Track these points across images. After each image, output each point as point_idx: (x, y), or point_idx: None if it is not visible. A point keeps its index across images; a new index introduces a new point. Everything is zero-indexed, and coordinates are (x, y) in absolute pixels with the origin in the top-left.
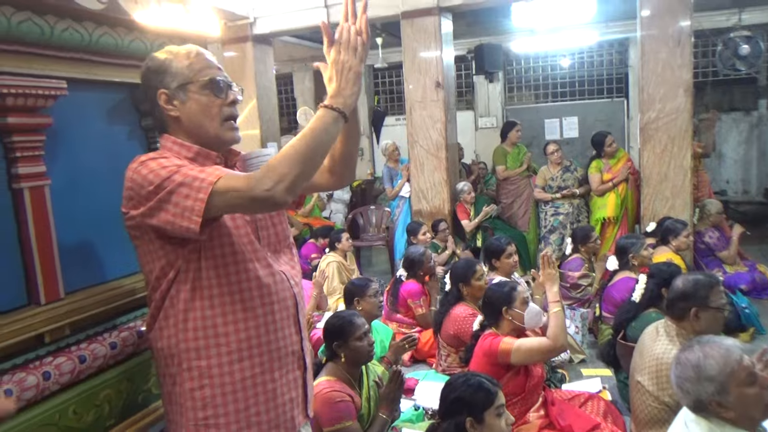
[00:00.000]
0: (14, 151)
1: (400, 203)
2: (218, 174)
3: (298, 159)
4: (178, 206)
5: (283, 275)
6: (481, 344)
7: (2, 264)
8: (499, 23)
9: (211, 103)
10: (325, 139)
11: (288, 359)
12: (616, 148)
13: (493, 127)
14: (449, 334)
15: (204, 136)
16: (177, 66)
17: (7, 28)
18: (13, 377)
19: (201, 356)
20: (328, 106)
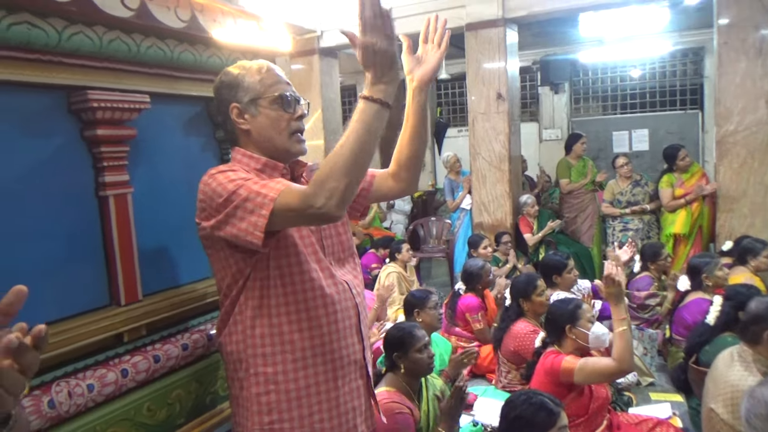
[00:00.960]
0: (102, 161)
1: (461, 215)
2: (279, 189)
3: (344, 169)
4: (243, 221)
5: (345, 285)
6: (543, 362)
7: (88, 266)
8: (566, 33)
9: (280, 117)
10: (368, 139)
11: (350, 368)
12: (689, 162)
13: (558, 139)
14: (510, 350)
15: (272, 148)
16: (249, 81)
17: (99, 47)
18: (95, 373)
19: (267, 362)
20: (368, 97)
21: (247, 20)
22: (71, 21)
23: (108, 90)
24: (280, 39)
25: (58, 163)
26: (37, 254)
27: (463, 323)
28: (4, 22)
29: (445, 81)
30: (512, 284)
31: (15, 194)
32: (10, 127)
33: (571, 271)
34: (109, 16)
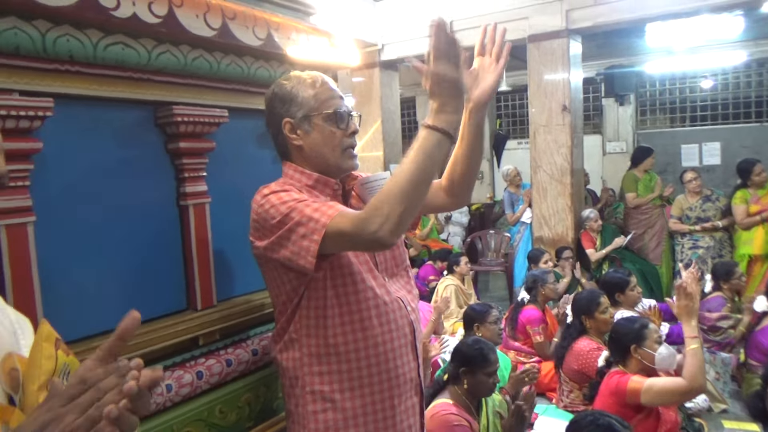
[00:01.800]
0: (183, 172)
1: (521, 229)
2: (331, 214)
3: (400, 196)
4: (295, 245)
5: (400, 302)
6: (608, 382)
7: (169, 272)
8: (632, 44)
9: (333, 134)
10: (428, 167)
11: (406, 386)
12: (765, 177)
13: (623, 152)
14: (572, 369)
15: (324, 164)
16: (303, 96)
17: (184, 64)
18: (173, 374)
19: (324, 381)
20: (431, 126)
21: (319, 37)
22: (160, 41)
23: (190, 105)
24: (349, 54)
25: (145, 173)
26: (124, 259)
27: (524, 337)
28: (101, 43)
29: (505, 92)
30: (574, 301)
31: (107, 202)
32: (105, 139)
33: (634, 288)
34: (193, 36)
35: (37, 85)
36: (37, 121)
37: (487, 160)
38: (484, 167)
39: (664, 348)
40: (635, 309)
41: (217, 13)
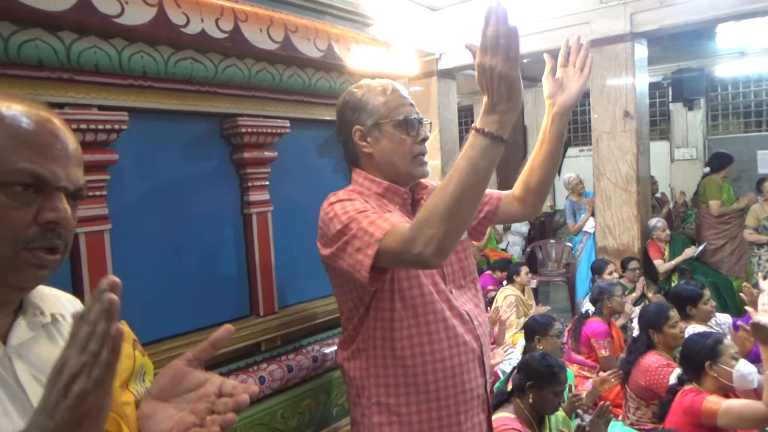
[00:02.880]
0: (247, 181)
1: (584, 239)
2: (386, 228)
3: (443, 214)
4: (351, 257)
5: (467, 315)
6: (681, 401)
7: (234, 279)
8: (702, 46)
9: (403, 141)
10: (474, 180)
11: (473, 402)
12: None
13: (692, 158)
14: (639, 385)
15: (394, 172)
16: (373, 103)
17: (248, 77)
18: (237, 378)
19: (390, 393)
20: (478, 129)
21: (378, 47)
22: (226, 55)
23: (254, 116)
24: (407, 63)
25: (212, 183)
26: (191, 266)
27: (587, 350)
28: (172, 58)
29: None
30: (641, 314)
31: (176, 211)
32: (174, 150)
33: (707, 302)
34: (257, 49)
35: (113, 100)
36: (114, 134)
37: None
38: None
39: (743, 364)
40: (708, 324)
41: (280, 27)
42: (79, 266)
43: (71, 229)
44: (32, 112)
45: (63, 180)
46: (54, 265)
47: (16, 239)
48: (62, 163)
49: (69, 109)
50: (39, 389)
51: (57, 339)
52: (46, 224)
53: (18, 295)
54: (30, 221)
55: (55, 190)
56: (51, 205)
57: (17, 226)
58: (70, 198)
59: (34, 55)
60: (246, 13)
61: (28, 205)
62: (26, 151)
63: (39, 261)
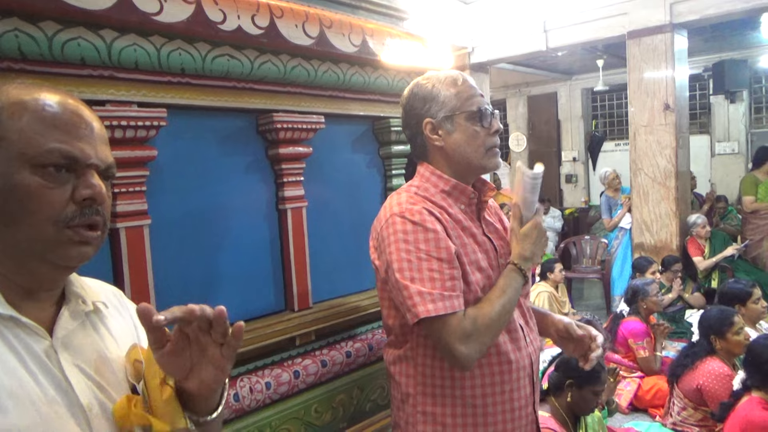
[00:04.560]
0: (282, 177)
1: (619, 235)
2: (439, 308)
3: (496, 326)
4: (399, 301)
5: (521, 332)
6: (748, 409)
7: (269, 274)
8: (745, 36)
9: (477, 133)
10: (513, 302)
11: (521, 421)
12: None
13: (734, 153)
14: (692, 387)
15: (466, 165)
16: (445, 95)
17: (284, 73)
18: (272, 372)
19: (437, 403)
20: (520, 269)
21: (412, 41)
22: (261, 51)
23: (289, 112)
24: (442, 57)
25: (249, 179)
26: (230, 261)
27: (624, 350)
28: (209, 55)
29: (602, 92)
30: (702, 318)
31: (213, 206)
32: (212, 146)
33: (757, 301)
34: (293, 45)
35: (153, 96)
36: (153, 130)
37: (582, 162)
38: (579, 170)
39: None
40: (756, 326)
41: (314, 22)
42: (120, 261)
43: (108, 205)
44: (53, 96)
45: (93, 158)
46: (96, 241)
47: (57, 219)
48: (90, 142)
49: (110, 106)
50: (82, 379)
51: (99, 327)
52: (82, 201)
53: (64, 274)
54: (67, 200)
55: (87, 167)
56: (85, 182)
57: (56, 205)
58: (102, 177)
59: (76, 53)
60: (282, 9)
61: (63, 184)
62: (54, 132)
63: (81, 237)
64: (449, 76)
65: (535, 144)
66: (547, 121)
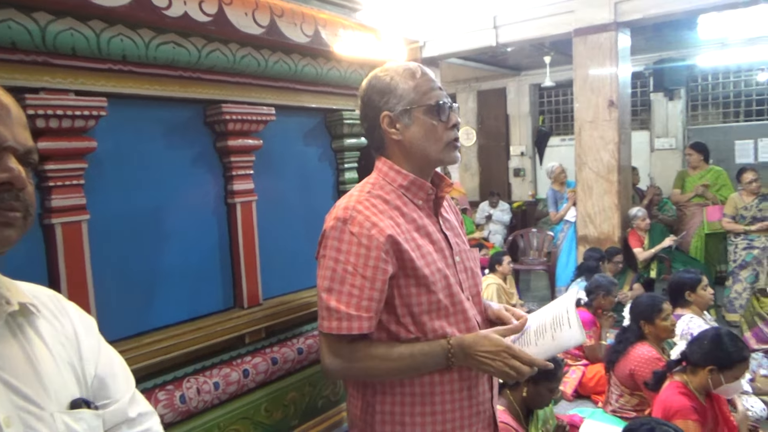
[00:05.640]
0: (231, 170)
1: (565, 228)
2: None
3: (371, 375)
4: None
5: (479, 329)
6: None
7: (217, 270)
8: (683, 36)
9: (435, 127)
10: (415, 370)
11: (479, 417)
12: None
13: (672, 148)
14: (625, 373)
15: (425, 159)
16: (403, 88)
17: (233, 62)
18: (220, 371)
19: (395, 402)
20: (450, 348)
21: (366, 33)
22: (209, 39)
23: (239, 103)
24: (396, 50)
25: (195, 172)
26: (174, 258)
27: None
28: (153, 42)
29: (548, 88)
30: (633, 304)
31: (158, 201)
32: (156, 138)
33: (706, 287)
34: (242, 34)
35: (92, 85)
36: (92, 120)
37: (529, 157)
38: (527, 164)
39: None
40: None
41: (265, 11)
42: (55, 258)
43: (29, 192)
44: None
45: (10, 140)
46: (19, 222)
47: None
48: (6, 124)
49: (45, 94)
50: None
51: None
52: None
53: None
54: None
55: (3, 151)
56: (2, 166)
57: None
58: (21, 162)
59: (6, 36)
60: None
61: None
62: None
63: (3, 219)
64: (408, 68)
65: (484, 138)
66: (496, 116)
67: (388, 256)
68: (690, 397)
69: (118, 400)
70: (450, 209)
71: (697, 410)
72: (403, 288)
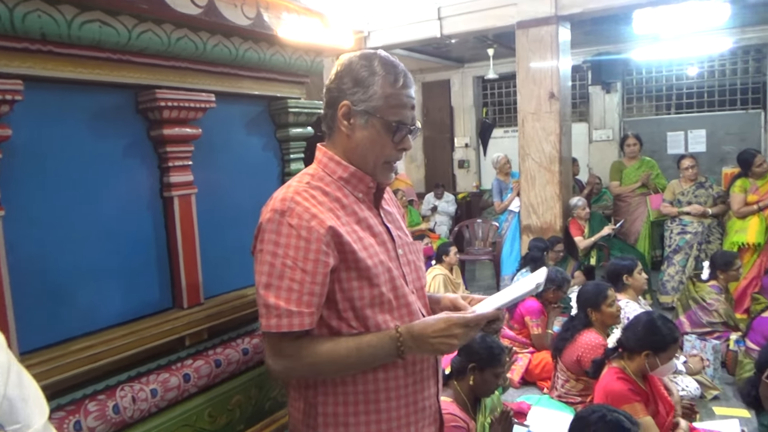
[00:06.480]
0: (167, 161)
1: (509, 218)
2: (284, 325)
3: (319, 372)
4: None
5: None
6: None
7: (153, 268)
8: (619, 31)
9: (385, 143)
10: (363, 364)
11: (424, 413)
12: (766, 168)
13: (609, 140)
14: (572, 360)
15: (361, 165)
16: (376, 90)
17: (167, 45)
18: (158, 377)
19: (338, 402)
20: (399, 336)
21: (311, 17)
22: (141, 19)
23: (175, 89)
24: (343, 36)
25: (126, 163)
26: (104, 256)
27: (519, 327)
28: (77, 20)
29: (492, 80)
30: (580, 293)
31: (84, 195)
32: (81, 126)
33: (641, 272)
34: (177, 14)
35: (4, 66)
36: (5, 105)
37: (474, 148)
38: (471, 156)
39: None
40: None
41: None
42: None
43: None
44: None
45: None
46: None
47: None
48: None
49: None
50: None
51: None
52: None
53: None
54: None
55: None
56: None
57: None
58: None
59: None
60: None
61: None
62: None
63: None
64: (395, 73)
65: (429, 130)
66: (440, 107)
67: (329, 249)
68: (629, 381)
69: (30, 426)
70: (391, 201)
71: (637, 393)
72: (344, 282)
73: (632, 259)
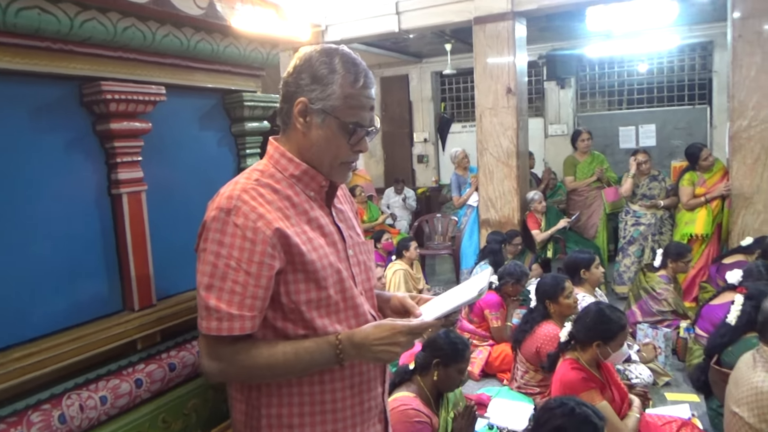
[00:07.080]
0: (115, 157)
1: (468, 212)
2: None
3: (254, 375)
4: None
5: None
6: (563, 371)
7: (101, 269)
8: (573, 28)
9: (341, 144)
10: (300, 370)
11: (371, 413)
12: (712, 161)
13: (564, 134)
14: (531, 351)
15: (316, 165)
16: (335, 89)
17: (113, 35)
18: (108, 384)
19: (282, 403)
20: (338, 344)
21: (266, 8)
22: (84, 7)
23: (122, 81)
24: (299, 29)
25: (70, 159)
26: (46, 257)
27: (479, 320)
28: (12, 6)
29: (450, 76)
30: (538, 285)
31: (25, 193)
32: (18, 120)
33: (598, 266)
34: (124, 2)
35: None
36: None
37: (432, 143)
38: (430, 151)
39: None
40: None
41: None
42: None
43: None
44: None
45: None
46: None
47: None
48: None
49: None
50: None
51: None
52: None
53: None
54: None
55: None
56: None
57: None
58: None
59: None
60: None
61: None
62: None
63: None
64: (356, 72)
65: (388, 125)
66: (399, 102)
67: (275, 251)
68: (583, 370)
69: None
70: (344, 198)
71: (592, 381)
72: (291, 284)
73: (590, 253)
